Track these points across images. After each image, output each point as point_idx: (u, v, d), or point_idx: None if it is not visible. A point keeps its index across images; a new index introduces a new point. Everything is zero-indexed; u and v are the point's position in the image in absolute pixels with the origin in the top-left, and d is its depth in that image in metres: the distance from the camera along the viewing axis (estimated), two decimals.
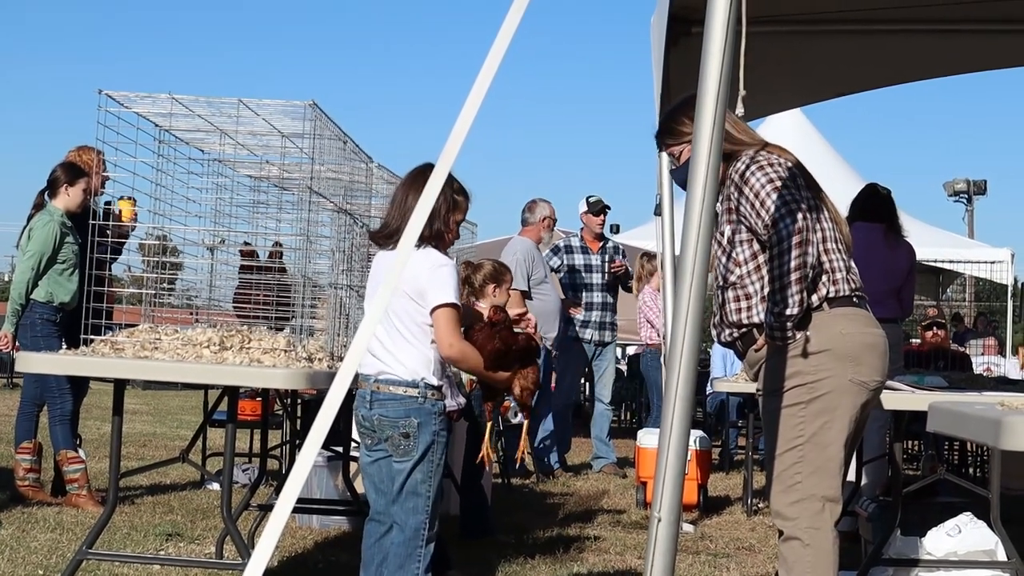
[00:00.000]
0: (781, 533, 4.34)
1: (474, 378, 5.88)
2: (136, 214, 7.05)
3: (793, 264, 4.19)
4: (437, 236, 4.62)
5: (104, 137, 5.24)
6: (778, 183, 4.26)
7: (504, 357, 4.66)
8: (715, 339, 4.61)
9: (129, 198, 6.93)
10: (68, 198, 8.06)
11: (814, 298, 4.29)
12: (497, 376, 4.69)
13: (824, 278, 4.31)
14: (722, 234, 4.44)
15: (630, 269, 11.66)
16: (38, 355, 5.73)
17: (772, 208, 4.22)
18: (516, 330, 4.78)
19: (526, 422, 5.19)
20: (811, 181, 4.42)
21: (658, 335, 11.57)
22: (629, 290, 11.96)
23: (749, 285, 4.39)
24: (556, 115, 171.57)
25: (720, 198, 4.46)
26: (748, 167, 4.34)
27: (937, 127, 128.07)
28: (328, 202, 5.90)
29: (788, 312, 4.22)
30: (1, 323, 8.11)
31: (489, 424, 5.03)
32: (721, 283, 4.47)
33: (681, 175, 4.59)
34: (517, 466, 6.11)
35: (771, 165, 4.33)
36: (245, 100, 5.31)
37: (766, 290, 4.32)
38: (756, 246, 4.36)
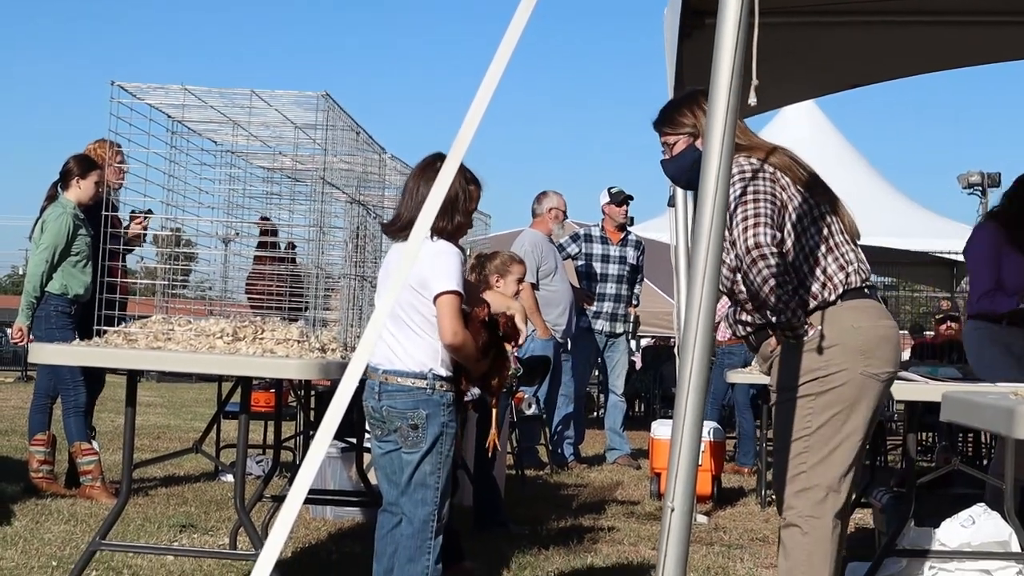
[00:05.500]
0: (785, 519, 4.37)
1: None
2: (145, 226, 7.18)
3: (759, 279, 4.16)
4: (457, 229, 4.60)
5: (117, 128, 5.24)
6: (749, 196, 4.20)
7: (488, 350, 4.67)
8: (732, 333, 4.59)
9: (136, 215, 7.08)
10: (80, 190, 8.08)
11: (828, 294, 4.28)
12: (479, 366, 4.67)
13: (838, 272, 4.29)
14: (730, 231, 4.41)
15: None
16: (50, 346, 5.74)
17: (733, 226, 4.18)
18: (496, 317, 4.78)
19: (493, 417, 5.00)
20: (803, 176, 4.36)
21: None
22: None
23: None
24: (570, 106, 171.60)
25: None
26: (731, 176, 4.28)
27: (951, 119, 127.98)
28: (341, 193, 5.90)
29: (777, 320, 4.24)
30: (16, 316, 8.12)
31: (495, 412, 4.97)
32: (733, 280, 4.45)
33: (672, 167, 4.59)
34: (489, 455, 6.00)
35: (742, 174, 4.25)
36: (258, 91, 5.30)
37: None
38: None
